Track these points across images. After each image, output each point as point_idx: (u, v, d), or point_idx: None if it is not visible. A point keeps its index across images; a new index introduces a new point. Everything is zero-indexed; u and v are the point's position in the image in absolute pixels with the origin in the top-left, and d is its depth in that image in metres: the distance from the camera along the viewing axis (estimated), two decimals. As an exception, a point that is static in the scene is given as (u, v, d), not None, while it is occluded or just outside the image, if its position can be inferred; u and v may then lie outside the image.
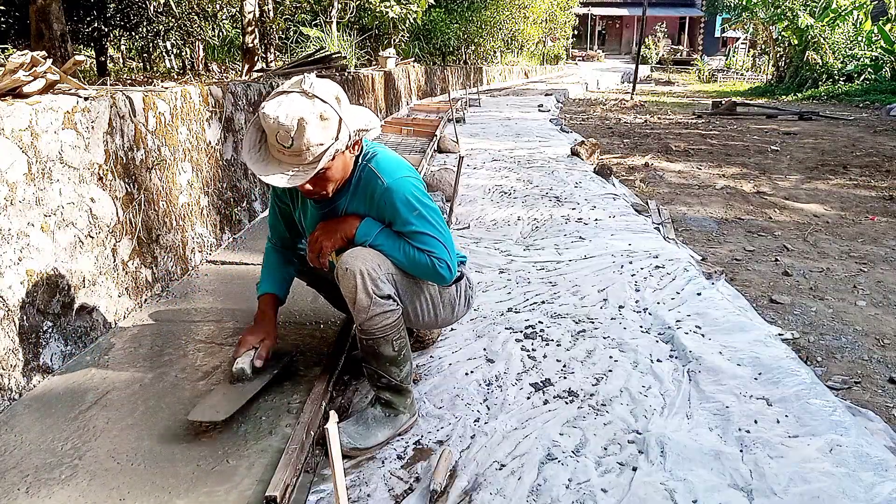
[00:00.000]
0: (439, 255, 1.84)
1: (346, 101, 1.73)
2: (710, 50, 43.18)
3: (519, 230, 4.29)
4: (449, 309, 2.08)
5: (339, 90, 1.72)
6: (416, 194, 1.82)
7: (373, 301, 1.79)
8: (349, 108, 1.74)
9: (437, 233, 1.85)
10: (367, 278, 1.77)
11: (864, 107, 14.11)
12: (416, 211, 1.82)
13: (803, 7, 18.75)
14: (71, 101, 2.20)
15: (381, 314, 1.81)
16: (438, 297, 2.03)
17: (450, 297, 2.07)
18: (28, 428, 1.80)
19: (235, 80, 4.79)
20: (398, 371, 1.91)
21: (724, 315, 2.83)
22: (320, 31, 10.88)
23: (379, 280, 1.79)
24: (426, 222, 1.84)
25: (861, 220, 4.93)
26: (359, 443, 1.87)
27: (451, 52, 17.74)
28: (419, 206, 1.82)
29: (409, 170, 1.88)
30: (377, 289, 1.79)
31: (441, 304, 2.05)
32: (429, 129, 8.27)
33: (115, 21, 10.53)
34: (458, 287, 2.09)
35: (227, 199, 3.55)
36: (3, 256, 1.87)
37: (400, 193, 1.80)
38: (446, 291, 2.05)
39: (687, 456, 1.85)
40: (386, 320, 1.83)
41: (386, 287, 1.81)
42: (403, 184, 1.81)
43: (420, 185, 1.87)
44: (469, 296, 2.15)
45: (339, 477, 1.16)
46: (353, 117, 1.74)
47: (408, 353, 1.94)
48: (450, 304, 2.08)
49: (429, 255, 1.84)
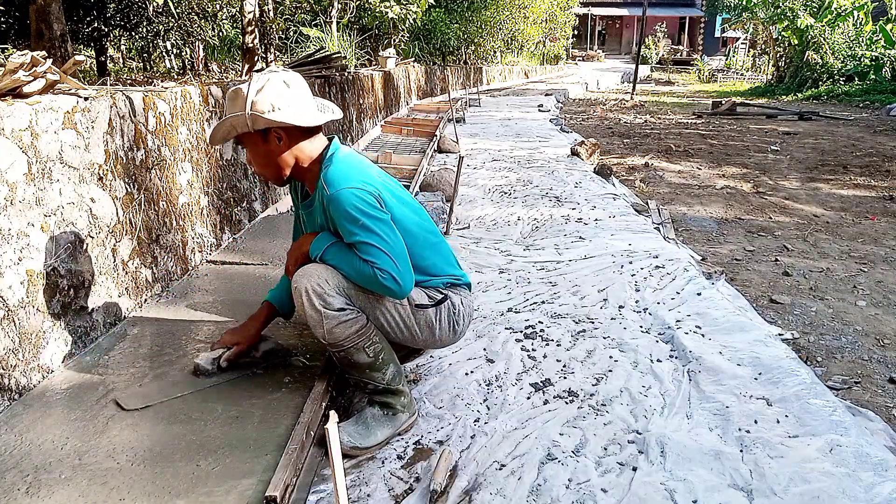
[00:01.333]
0: (381, 265, 1.76)
1: (289, 93, 1.81)
2: (710, 50, 43.19)
3: (519, 230, 4.29)
4: (427, 331, 1.98)
5: (287, 82, 1.82)
6: (357, 205, 1.76)
7: (323, 315, 1.78)
8: (291, 101, 1.82)
9: (383, 243, 1.77)
10: (313, 294, 1.77)
11: (865, 107, 14.11)
12: (359, 222, 1.77)
13: (803, 7, 18.74)
14: (71, 101, 2.20)
15: (339, 325, 1.80)
16: (411, 318, 1.94)
17: (427, 320, 1.96)
18: (28, 428, 1.80)
19: (235, 80, 4.79)
20: (381, 375, 1.91)
21: (724, 315, 2.83)
22: (320, 31, 10.88)
23: (326, 294, 1.78)
24: (370, 233, 1.77)
25: (861, 220, 4.93)
26: (359, 442, 1.87)
27: (451, 52, 17.74)
28: (362, 216, 1.76)
29: (358, 179, 1.81)
30: (325, 303, 1.78)
31: (415, 323, 1.95)
32: (429, 129, 8.27)
33: (115, 21, 10.52)
34: (439, 310, 1.98)
35: (227, 199, 3.55)
36: (3, 256, 1.87)
37: (341, 205, 1.77)
38: (421, 312, 1.94)
39: (687, 456, 1.85)
40: (347, 330, 1.82)
41: (335, 300, 1.79)
42: (345, 195, 1.77)
43: (366, 196, 1.78)
44: (455, 321, 2.02)
45: (339, 477, 1.16)
46: (278, 108, 1.79)
47: (388, 357, 1.91)
48: (427, 326, 1.97)
49: (371, 265, 1.77)
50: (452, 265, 2.09)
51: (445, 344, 2.11)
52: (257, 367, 2.15)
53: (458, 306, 2.03)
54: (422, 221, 2.01)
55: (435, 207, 4.28)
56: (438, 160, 6.70)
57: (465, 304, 2.07)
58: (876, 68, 16.80)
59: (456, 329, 2.04)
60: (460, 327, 2.06)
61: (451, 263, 2.08)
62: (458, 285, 2.07)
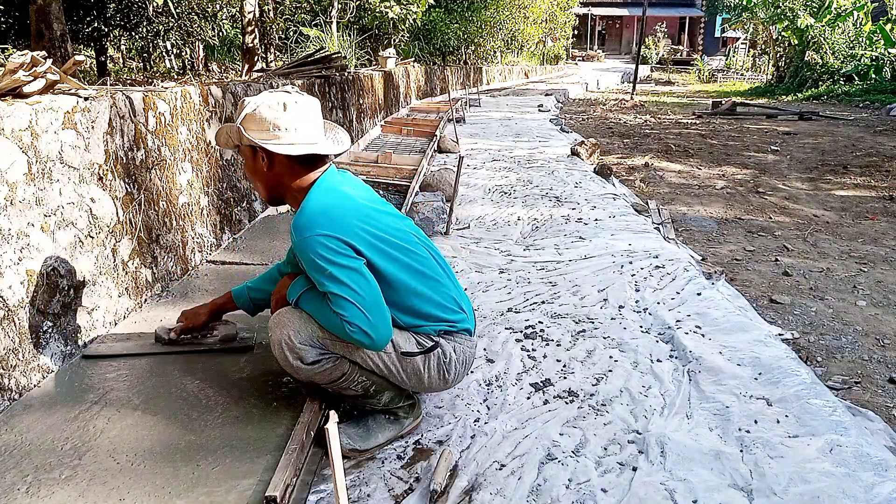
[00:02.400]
0: (350, 318, 1.65)
1: (284, 116, 1.75)
2: (710, 50, 43.18)
3: (519, 230, 4.29)
4: (415, 379, 1.86)
5: (287, 104, 1.76)
6: (323, 254, 1.64)
7: (296, 368, 1.76)
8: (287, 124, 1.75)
9: (352, 294, 1.65)
10: (286, 348, 1.74)
11: (864, 107, 14.11)
12: (326, 272, 1.65)
13: (803, 7, 18.74)
14: (71, 101, 2.20)
15: (318, 374, 1.78)
16: (397, 364, 1.81)
17: (414, 368, 1.83)
18: (28, 428, 1.80)
19: (235, 80, 4.79)
20: (375, 401, 1.89)
21: (724, 315, 2.83)
22: (320, 31, 10.88)
23: (297, 349, 1.73)
24: (338, 283, 1.65)
25: (861, 220, 4.93)
26: (358, 444, 1.87)
27: (451, 52, 17.74)
28: (328, 266, 1.64)
29: (327, 225, 1.67)
30: (298, 357, 1.74)
31: (401, 370, 1.83)
32: (429, 129, 8.27)
33: (115, 21, 10.53)
34: (427, 359, 1.84)
35: (227, 199, 3.55)
36: (3, 256, 1.87)
37: (307, 254, 1.67)
38: (408, 360, 1.82)
39: (687, 456, 1.85)
40: (329, 376, 1.79)
41: (308, 353, 1.73)
42: (310, 243, 1.65)
43: (332, 244, 1.65)
44: (444, 370, 1.87)
45: (339, 477, 1.16)
46: (266, 131, 1.74)
47: (380, 387, 1.86)
48: (415, 374, 1.84)
49: (341, 318, 1.66)
50: (450, 310, 1.89)
51: (436, 390, 2.00)
52: (212, 347, 2.26)
53: (451, 355, 1.87)
54: (413, 263, 1.82)
55: (435, 207, 4.28)
56: (438, 160, 6.70)
57: (460, 353, 1.90)
58: (876, 68, 16.80)
59: (447, 378, 1.89)
60: (451, 376, 1.90)
61: (448, 307, 1.89)
62: (453, 332, 1.90)
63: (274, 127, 1.75)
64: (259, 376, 2.11)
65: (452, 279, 1.97)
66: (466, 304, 1.98)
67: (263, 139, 1.75)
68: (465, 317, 1.93)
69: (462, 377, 1.98)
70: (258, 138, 1.76)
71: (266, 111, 1.75)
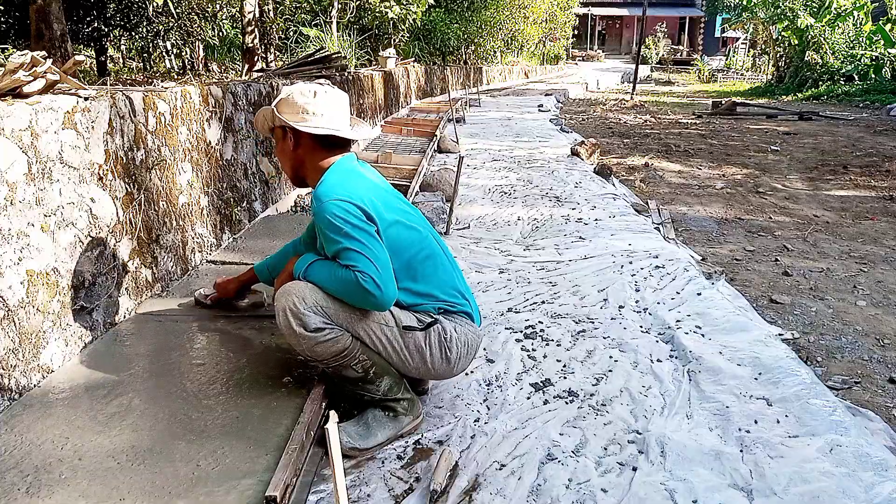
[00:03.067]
0: (362, 268, 1.73)
1: (314, 101, 1.95)
2: (710, 50, 43.20)
3: (519, 230, 4.29)
4: (418, 357, 1.90)
5: (318, 92, 1.96)
6: (340, 215, 1.77)
7: (299, 336, 1.77)
8: (315, 109, 1.94)
9: (364, 248, 1.75)
10: (290, 314, 1.77)
11: (865, 107, 14.11)
12: (342, 231, 1.76)
13: (803, 7, 18.74)
14: (71, 101, 2.20)
15: (317, 345, 1.79)
16: (399, 340, 1.87)
17: (416, 344, 1.88)
18: (28, 428, 1.80)
19: (235, 80, 4.79)
20: (375, 388, 1.90)
21: (724, 315, 2.83)
22: (320, 31, 10.88)
23: (301, 314, 1.76)
24: (352, 239, 1.76)
25: (861, 220, 4.93)
26: (358, 443, 1.88)
27: (451, 52, 17.74)
28: (344, 225, 1.76)
29: (345, 192, 1.82)
30: (301, 323, 1.76)
31: (404, 347, 1.88)
32: (429, 129, 8.27)
33: (115, 21, 10.53)
34: (428, 335, 1.89)
35: (227, 199, 3.55)
36: (3, 256, 1.87)
37: (324, 216, 1.79)
38: (409, 335, 1.87)
39: (687, 456, 1.85)
40: (328, 350, 1.80)
41: (312, 319, 1.76)
42: (328, 207, 1.79)
43: (349, 207, 1.78)
44: (446, 348, 1.91)
45: (339, 477, 1.16)
46: (297, 114, 1.94)
47: (380, 371, 1.89)
48: (417, 351, 1.89)
49: (352, 269, 1.74)
50: (451, 292, 1.97)
51: (441, 375, 2.00)
52: (244, 312, 2.57)
53: (451, 332, 1.92)
54: (418, 244, 1.94)
55: (435, 207, 4.28)
56: (438, 160, 6.70)
57: (461, 332, 1.95)
58: (876, 68, 16.80)
59: (449, 357, 1.92)
60: (453, 355, 1.93)
61: (449, 290, 1.97)
62: (453, 312, 1.96)
63: (303, 111, 1.94)
64: (259, 376, 2.11)
65: (456, 270, 2.06)
66: (469, 295, 2.05)
67: (293, 120, 1.94)
68: (465, 303, 2.01)
69: (466, 363, 2.01)
70: (288, 119, 1.94)
71: (298, 96, 1.95)
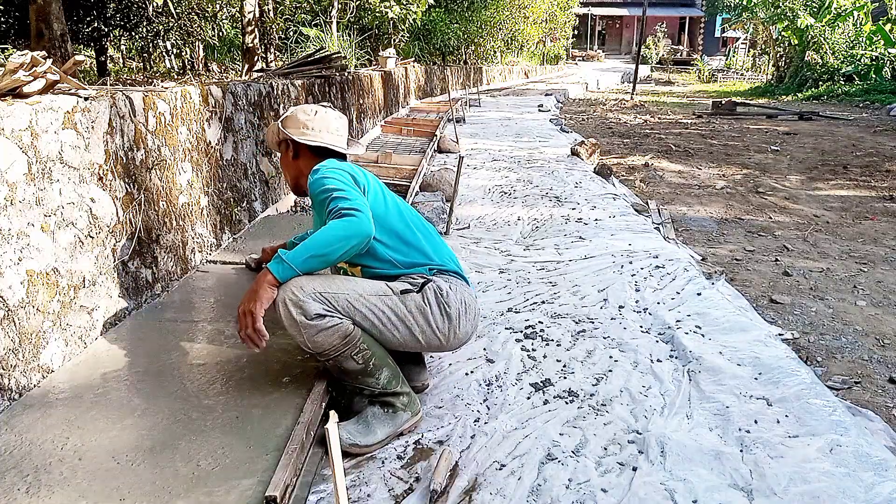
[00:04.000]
0: (343, 204, 1.82)
1: (313, 119, 2.22)
2: (710, 50, 43.21)
3: (519, 230, 4.29)
4: (420, 318, 1.91)
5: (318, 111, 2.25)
6: (329, 176, 1.94)
7: (300, 324, 1.77)
8: (313, 125, 2.21)
9: (349, 192, 1.87)
10: (290, 303, 1.76)
11: (864, 107, 14.11)
12: (328, 187, 1.90)
13: (803, 7, 18.74)
14: (71, 101, 2.20)
15: (319, 334, 1.78)
16: (400, 306, 1.88)
17: (417, 304, 1.90)
18: (28, 428, 1.80)
19: (235, 80, 4.79)
20: (374, 381, 1.91)
21: (724, 315, 2.83)
22: (320, 31, 10.87)
23: (301, 302, 1.76)
24: (338, 191, 1.87)
25: (861, 220, 4.93)
26: (358, 440, 1.88)
27: (451, 52, 17.74)
28: (332, 182, 1.91)
29: (335, 164, 2.03)
30: (302, 311, 1.76)
31: (407, 313, 1.89)
32: (429, 129, 8.27)
33: (115, 21, 10.53)
34: (424, 293, 1.92)
35: (227, 199, 3.55)
36: (3, 256, 1.87)
37: (317, 184, 1.94)
38: (409, 298, 1.90)
39: (687, 456, 1.85)
40: (330, 338, 1.80)
41: (311, 306, 1.77)
42: (320, 172, 1.97)
43: (338, 174, 1.95)
44: (444, 304, 1.93)
45: (339, 477, 1.16)
46: (298, 129, 2.21)
47: (380, 362, 1.90)
48: (419, 311, 1.90)
49: (336, 207, 1.83)
50: (442, 260, 2.06)
51: (447, 337, 1.96)
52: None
53: (446, 290, 1.95)
54: (407, 225, 2.06)
55: (435, 207, 4.28)
56: (438, 160, 6.70)
57: (456, 289, 1.98)
58: (876, 68, 16.80)
59: (449, 314, 1.93)
60: (452, 311, 1.94)
61: (439, 257, 2.06)
62: (444, 272, 2.03)
63: (304, 126, 2.22)
64: (259, 376, 2.11)
65: (448, 248, 2.17)
66: (459, 267, 2.13)
67: (294, 134, 2.21)
68: (457, 268, 2.11)
69: (466, 323, 2.00)
70: (291, 133, 2.22)
71: (301, 114, 2.23)
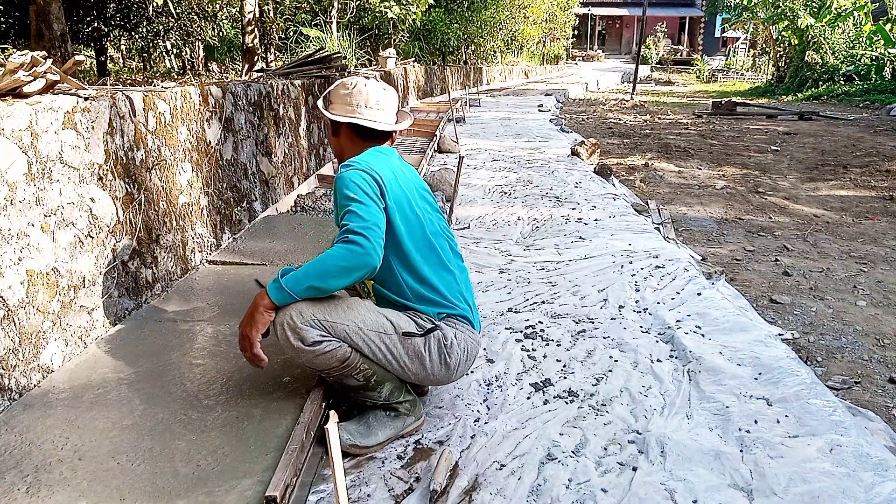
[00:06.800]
0: (353, 227, 1.71)
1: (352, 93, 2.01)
2: (710, 50, 43.20)
3: (519, 230, 4.29)
4: (417, 363, 1.87)
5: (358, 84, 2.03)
6: (355, 180, 1.80)
7: (298, 350, 1.76)
8: (352, 100, 2.00)
9: (364, 210, 1.75)
10: (288, 328, 1.74)
11: (865, 107, 14.11)
12: (350, 196, 1.78)
13: (803, 7, 18.74)
14: (71, 101, 2.20)
15: (317, 358, 1.77)
16: (398, 346, 1.85)
17: (416, 349, 1.86)
18: (28, 428, 1.80)
19: (235, 80, 4.79)
20: (377, 394, 1.90)
21: (724, 315, 2.83)
22: (320, 31, 10.87)
23: (299, 328, 1.74)
24: (357, 203, 1.76)
25: (861, 220, 4.93)
26: (358, 440, 1.87)
27: (451, 52, 17.73)
28: (355, 192, 1.78)
29: (365, 163, 1.86)
30: (299, 337, 1.74)
31: (404, 353, 1.86)
32: (429, 129, 8.27)
33: (115, 21, 10.53)
34: (427, 340, 1.87)
35: (227, 199, 3.55)
36: (3, 256, 1.87)
37: (342, 182, 1.82)
38: (409, 341, 1.86)
39: (687, 456, 1.85)
40: (328, 362, 1.78)
41: (309, 333, 1.74)
42: (348, 173, 1.83)
43: (365, 177, 1.81)
44: (446, 354, 1.89)
45: (339, 477, 1.16)
46: (336, 104, 2.02)
47: (382, 378, 1.87)
48: (416, 356, 1.86)
49: (344, 227, 1.73)
50: (454, 300, 1.95)
51: (440, 380, 1.97)
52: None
53: (451, 339, 1.90)
54: (427, 242, 1.93)
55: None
56: (438, 160, 6.70)
57: (461, 339, 1.92)
58: (876, 68, 16.79)
59: (448, 363, 1.90)
60: (452, 361, 1.91)
61: (452, 297, 1.95)
62: (454, 316, 1.95)
63: (341, 102, 2.03)
64: (259, 376, 2.11)
65: (463, 273, 2.05)
66: (471, 300, 2.04)
67: (331, 110, 2.04)
68: (467, 308, 1.99)
69: (465, 369, 1.99)
70: (329, 110, 2.04)
71: (341, 88, 2.04)
